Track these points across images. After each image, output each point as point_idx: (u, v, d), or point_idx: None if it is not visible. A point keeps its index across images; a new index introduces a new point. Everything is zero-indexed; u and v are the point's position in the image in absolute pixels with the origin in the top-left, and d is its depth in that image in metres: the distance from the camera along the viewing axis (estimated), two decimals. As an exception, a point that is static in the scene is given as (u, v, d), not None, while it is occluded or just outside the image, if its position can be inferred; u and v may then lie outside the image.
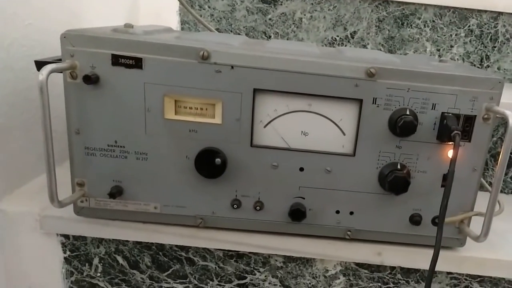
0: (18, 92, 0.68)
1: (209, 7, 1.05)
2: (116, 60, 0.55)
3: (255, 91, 0.58)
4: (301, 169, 0.61)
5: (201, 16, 1.03)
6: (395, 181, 0.59)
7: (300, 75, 0.57)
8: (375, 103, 0.58)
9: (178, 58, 0.56)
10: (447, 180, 0.55)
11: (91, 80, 0.55)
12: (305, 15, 1.05)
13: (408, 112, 0.57)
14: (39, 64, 0.55)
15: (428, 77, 0.57)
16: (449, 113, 0.58)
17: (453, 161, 0.55)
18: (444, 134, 0.58)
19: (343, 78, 0.57)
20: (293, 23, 1.06)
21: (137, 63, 0.56)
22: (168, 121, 0.58)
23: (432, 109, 0.58)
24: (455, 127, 0.56)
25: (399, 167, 0.60)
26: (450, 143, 0.59)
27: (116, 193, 0.60)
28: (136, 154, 0.60)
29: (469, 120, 0.59)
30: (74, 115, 0.58)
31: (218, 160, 0.58)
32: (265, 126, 0.60)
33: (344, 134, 0.60)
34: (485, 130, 0.59)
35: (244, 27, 1.06)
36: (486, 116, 0.58)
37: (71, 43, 0.55)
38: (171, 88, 0.57)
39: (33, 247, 0.68)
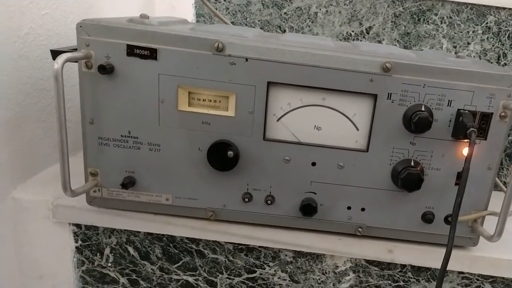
0: (33, 82, 0.68)
1: (224, 0, 1.04)
2: (131, 51, 0.56)
3: (269, 84, 0.57)
4: (313, 164, 0.61)
5: (216, 9, 1.03)
6: (408, 178, 0.58)
7: (315, 68, 0.56)
8: (389, 99, 0.58)
9: (193, 49, 0.56)
10: (461, 178, 0.55)
11: (106, 70, 0.55)
12: (320, 9, 1.04)
13: (423, 108, 0.57)
14: (55, 53, 0.55)
15: (445, 73, 0.57)
16: (465, 110, 0.58)
17: (468, 159, 0.54)
18: (459, 131, 0.57)
19: (358, 72, 0.57)
20: (308, 18, 1.05)
21: (152, 54, 0.56)
22: (182, 112, 0.58)
23: (448, 105, 0.58)
24: (471, 124, 0.55)
25: (412, 164, 0.59)
26: (466, 140, 0.58)
27: (128, 183, 0.60)
28: (149, 145, 0.60)
29: (486, 118, 0.58)
30: (88, 105, 0.58)
31: (230, 153, 0.58)
32: (278, 120, 0.59)
33: (357, 129, 0.60)
34: (502, 128, 0.58)
35: (259, 20, 1.05)
36: (503, 114, 0.58)
37: (87, 33, 0.55)
38: (185, 79, 0.57)
39: (45, 235, 0.69)
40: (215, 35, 0.57)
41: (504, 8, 1.02)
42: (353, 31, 1.05)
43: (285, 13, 1.05)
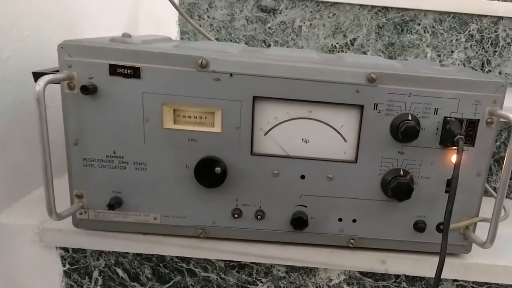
0: (17, 105, 0.67)
1: (208, 17, 1.05)
2: (114, 70, 0.55)
3: (255, 98, 0.57)
4: (303, 177, 0.60)
5: (200, 26, 1.03)
6: (398, 188, 0.58)
7: (300, 81, 0.56)
8: (376, 109, 0.58)
9: (177, 66, 0.55)
10: (451, 185, 0.54)
11: (89, 90, 0.55)
12: (304, 23, 1.05)
13: (410, 117, 0.57)
14: (37, 76, 0.55)
15: (430, 81, 0.57)
16: (452, 117, 0.58)
17: (457, 166, 0.54)
18: (447, 139, 0.57)
19: (344, 84, 0.57)
20: (293, 31, 1.05)
21: (135, 72, 0.55)
22: (167, 130, 0.58)
23: (434, 113, 0.58)
24: (458, 132, 0.55)
25: (402, 173, 0.59)
26: (454, 148, 0.58)
27: (115, 204, 0.59)
28: (135, 164, 0.59)
29: (472, 124, 0.58)
30: (72, 126, 0.57)
31: (218, 169, 0.58)
32: (265, 134, 0.59)
33: (345, 141, 0.60)
34: (489, 134, 0.58)
35: (243, 36, 1.06)
36: (489, 120, 0.58)
37: (69, 54, 0.55)
38: (169, 97, 0.56)
39: (32, 260, 0.67)
40: (198, 51, 0.57)
41: (485, 16, 1.03)
42: (337, 43, 1.06)
43: (269, 27, 1.05)
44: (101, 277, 0.69)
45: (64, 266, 0.68)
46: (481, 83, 0.57)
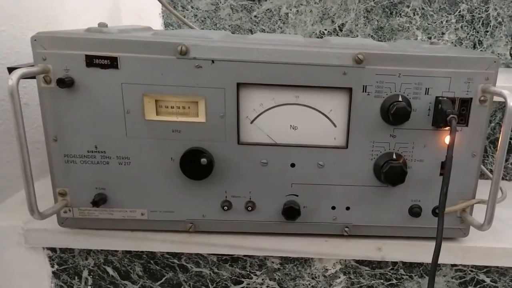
0: (-6, 103, 0.65)
1: (192, 7, 1.02)
2: (91, 61, 0.53)
3: (239, 85, 0.55)
4: (293, 165, 0.58)
5: (184, 17, 1.01)
6: (391, 172, 0.56)
7: (285, 65, 0.54)
8: (365, 91, 0.56)
9: (155, 55, 0.53)
10: (445, 167, 0.52)
11: (65, 83, 0.52)
12: (291, 10, 1.02)
13: (400, 99, 0.55)
14: (12, 71, 0.53)
15: (420, 60, 0.55)
16: (444, 97, 0.56)
17: (450, 147, 0.52)
18: (439, 119, 0.55)
19: (330, 66, 0.54)
20: (279, 19, 1.03)
21: (112, 62, 0.53)
22: (150, 122, 0.56)
23: (425, 94, 0.56)
24: (451, 111, 0.53)
25: (394, 157, 0.57)
26: (447, 128, 0.56)
27: (99, 201, 0.57)
28: (118, 159, 0.57)
29: (465, 103, 0.56)
30: (50, 121, 0.55)
31: (204, 160, 0.56)
32: (251, 122, 0.57)
33: (335, 126, 0.58)
34: (483, 112, 0.57)
35: (229, 25, 1.03)
36: (482, 98, 0.56)
37: (43, 46, 0.52)
38: (150, 87, 0.54)
39: (20, 262, 0.65)
40: (178, 38, 0.54)
41: (475, -5, 1.01)
42: (325, 29, 1.04)
43: (255, 16, 1.03)
44: (91, 276, 0.67)
45: (52, 266, 0.66)
46: (473, 60, 0.55)
